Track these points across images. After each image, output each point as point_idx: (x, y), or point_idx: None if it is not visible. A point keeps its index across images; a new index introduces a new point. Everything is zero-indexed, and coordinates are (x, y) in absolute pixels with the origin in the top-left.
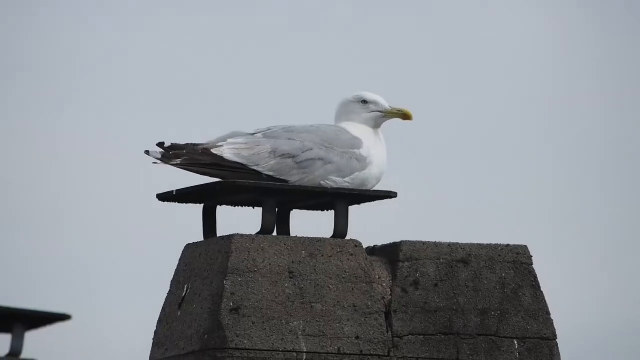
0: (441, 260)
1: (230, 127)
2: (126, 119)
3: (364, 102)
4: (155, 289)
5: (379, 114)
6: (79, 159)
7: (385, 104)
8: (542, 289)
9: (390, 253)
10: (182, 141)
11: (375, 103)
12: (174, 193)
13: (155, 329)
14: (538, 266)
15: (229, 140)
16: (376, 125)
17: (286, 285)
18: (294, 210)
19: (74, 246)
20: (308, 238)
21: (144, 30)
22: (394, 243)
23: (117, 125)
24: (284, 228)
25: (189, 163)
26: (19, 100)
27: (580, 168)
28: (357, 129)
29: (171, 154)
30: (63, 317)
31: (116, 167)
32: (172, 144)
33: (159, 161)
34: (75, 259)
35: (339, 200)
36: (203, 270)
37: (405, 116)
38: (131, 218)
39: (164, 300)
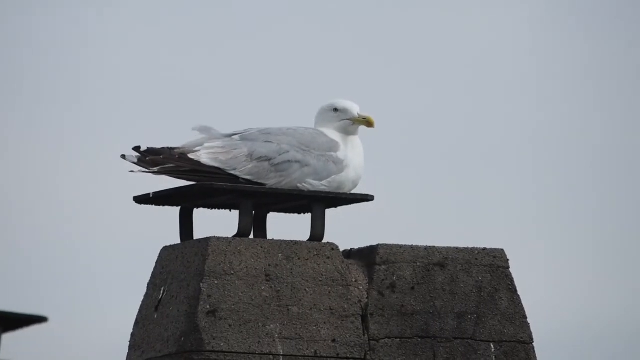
0: (418, 264)
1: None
2: (103, 122)
3: (335, 110)
4: (131, 291)
5: (348, 121)
6: (55, 161)
7: (354, 111)
8: (519, 293)
9: (367, 256)
10: (158, 144)
11: (344, 111)
12: (151, 195)
13: (131, 331)
14: (515, 270)
15: (206, 145)
16: (347, 132)
17: (263, 288)
18: (271, 213)
19: (51, 249)
20: (285, 241)
21: (121, 34)
22: (370, 246)
23: (94, 128)
24: (261, 231)
25: (166, 171)
26: None
27: (558, 171)
28: (334, 134)
29: (148, 159)
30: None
31: (93, 170)
32: (148, 148)
33: (135, 167)
34: (51, 261)
35: (316, 203)
36: (180, 272)
37: (369, 123)
38: (108, 220)
39: (140, 303)
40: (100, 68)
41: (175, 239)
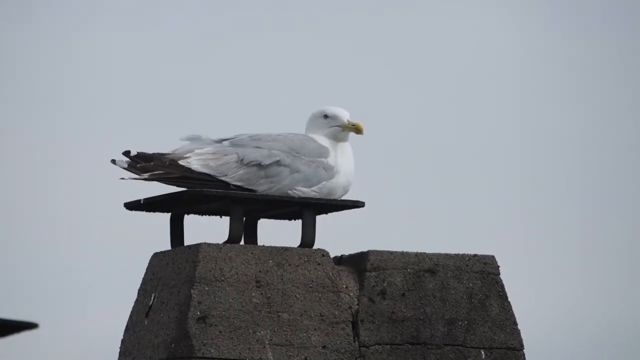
0: (408, 270)
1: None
2: (93, 127)
3: (325, 116)
4: (122, 298)
5: (338, 128)
6: (45, 166)
7: (344, 118)
8: (509, 299)
9: (357, 262)
10: (149, 149)
11: (334, 118)
12: (142, 202)
13: (122, 337)
14: (505, 276)
15: (197, 151)
16: (337, 139)
17: (253, 294)
18: (261, 220)
19: (40, 254)
20: (275, 247)
21: (112, 39)
22: (361, 253)
23: (84, 133)
24: (251, 237)
25: (157, 178)
26: None
27: (549, 177)
28: (325, 140)
29: (138, 166)
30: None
31: (83, 176)
32: (138, 152)
33: (126, 173)
34: (41, 267)
35: (306, 209)
36: (170, 279)
37: (357, 130)
38: (98, 226)
39: (131, 309)
40: (92, 73)
41: (166, 245)
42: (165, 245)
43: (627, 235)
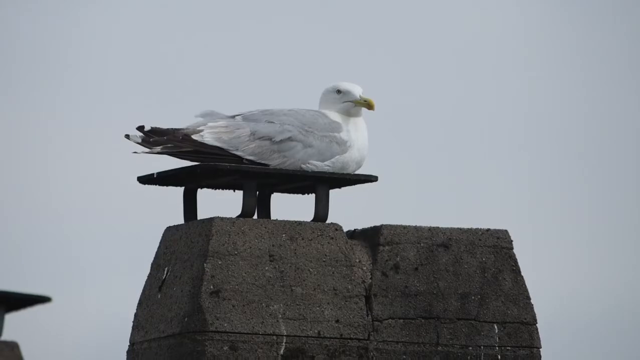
0: (421, 244)
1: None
2: (107, 102)
3: (338, 91)
4: (135, 272)
5: (350, 103)
6: (58, 141)
7: (357, 93)
8: (522, 274)
9: (370, 237)
10: (163, 125)
11: (347, 93)
12: (155, 176)
13: (135, 311)
14: (518, 250)
15: (209, 124)
16: (350, 114)
17: (266, 268)
18: (275, 194)
19: (55, 229)
20: (288, 221)
21: (124, 16)
22: (374, 227)
23: (97, 109)
24: (265, 211)
25: (169, 152)
26: None
27: (560, 153)
28: (337, 115)
29: (152, 140)
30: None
31: (97, 150)
32: (152, 127)
33: (138, 147)
34: (55, 241)
35: (320, 183)
36: (183, 253)
37: (369, 106)
38: (112, 200)
39: (144, 283)
40: (107, 51)
41: (179, 219)
42: (179, 219)
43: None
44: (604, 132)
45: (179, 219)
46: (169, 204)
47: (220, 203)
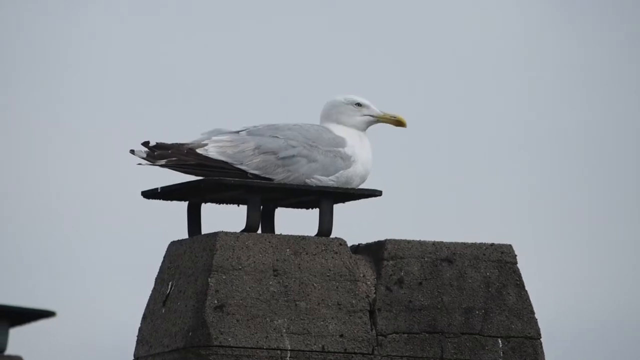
0: (425, 259)
1: (216, 125)
2: (112, 118)
3: (358, 104)
4: (139, 286)
5: (371, 118)
6: (64, 156)
7: (376, 108)
8: (527, 288)
9: (374, 251)
10: (167, 140)
11: (367, 107)
12: (159, 190)
13: (139, 325)
14: (522, 265)
15: (214, 138)
16: (361, 128)
17: (270, 283)
18: (279, 208)
19: (59, 243)
20: (292, 236)
21: (124, 16)
22: (378, 241)
23: (103, 123)
24: (269, 226)
25: (174, 164)
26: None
27: (563, 166)
28: (342, 130)
29: (156, 154)
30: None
31: (101, 165)
32: (157, 143)
33: (143, 161)
34: (59, 256)
35: (324, 198)
36: (187, 267)
37: (399, 123)
38: (116, 215)
39: (148, 297)
40: (107, 51)
41: (183, 234)
42: (183, 233)
43: None
44: (606, 144)
45: (183, 234)
46: (173, 218)
47: (225, 217)
